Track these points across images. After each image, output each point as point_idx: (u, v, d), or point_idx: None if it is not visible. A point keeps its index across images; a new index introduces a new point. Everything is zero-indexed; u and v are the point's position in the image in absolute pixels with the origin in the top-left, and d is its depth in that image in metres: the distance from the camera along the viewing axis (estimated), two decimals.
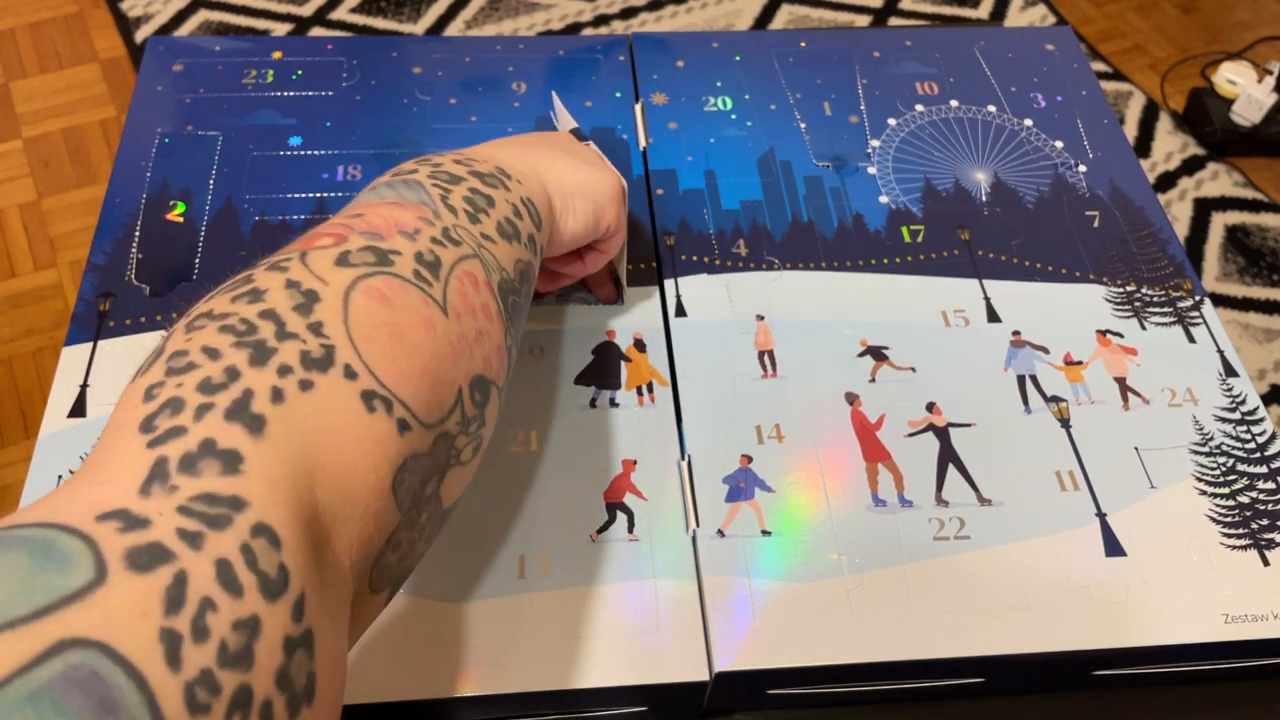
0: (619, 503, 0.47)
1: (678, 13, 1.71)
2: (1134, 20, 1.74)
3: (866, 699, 0.46)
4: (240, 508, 0.24)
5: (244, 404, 0.26)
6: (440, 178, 0.39)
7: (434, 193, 0.37)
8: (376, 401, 0.29)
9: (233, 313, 0.29)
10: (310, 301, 0.30)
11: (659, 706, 0.44)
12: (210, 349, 0.28)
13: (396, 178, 0.39)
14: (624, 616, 0.44)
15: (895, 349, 0.54)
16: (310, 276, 0.31)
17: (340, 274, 0.31)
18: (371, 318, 0.30)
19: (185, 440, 0.25)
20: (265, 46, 0.68)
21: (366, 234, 0.33)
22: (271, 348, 0.28)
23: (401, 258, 0.33)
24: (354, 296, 0.31)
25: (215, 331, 0.28)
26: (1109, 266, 0.58)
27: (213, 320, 0.29)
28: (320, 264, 0.31)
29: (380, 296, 0.31)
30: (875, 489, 0.48)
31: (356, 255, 0.32)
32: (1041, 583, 0.45)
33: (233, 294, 0.30)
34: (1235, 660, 0.46)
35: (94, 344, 0.52)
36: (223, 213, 0.58)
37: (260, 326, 0.29)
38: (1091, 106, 0.67)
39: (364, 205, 0.36)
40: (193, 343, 0.28)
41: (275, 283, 0.30)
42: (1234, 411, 0.52)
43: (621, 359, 0.53)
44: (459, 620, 0.43)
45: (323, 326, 0.29)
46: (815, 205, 0.60)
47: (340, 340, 0.29)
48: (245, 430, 0.26)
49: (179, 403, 0.26)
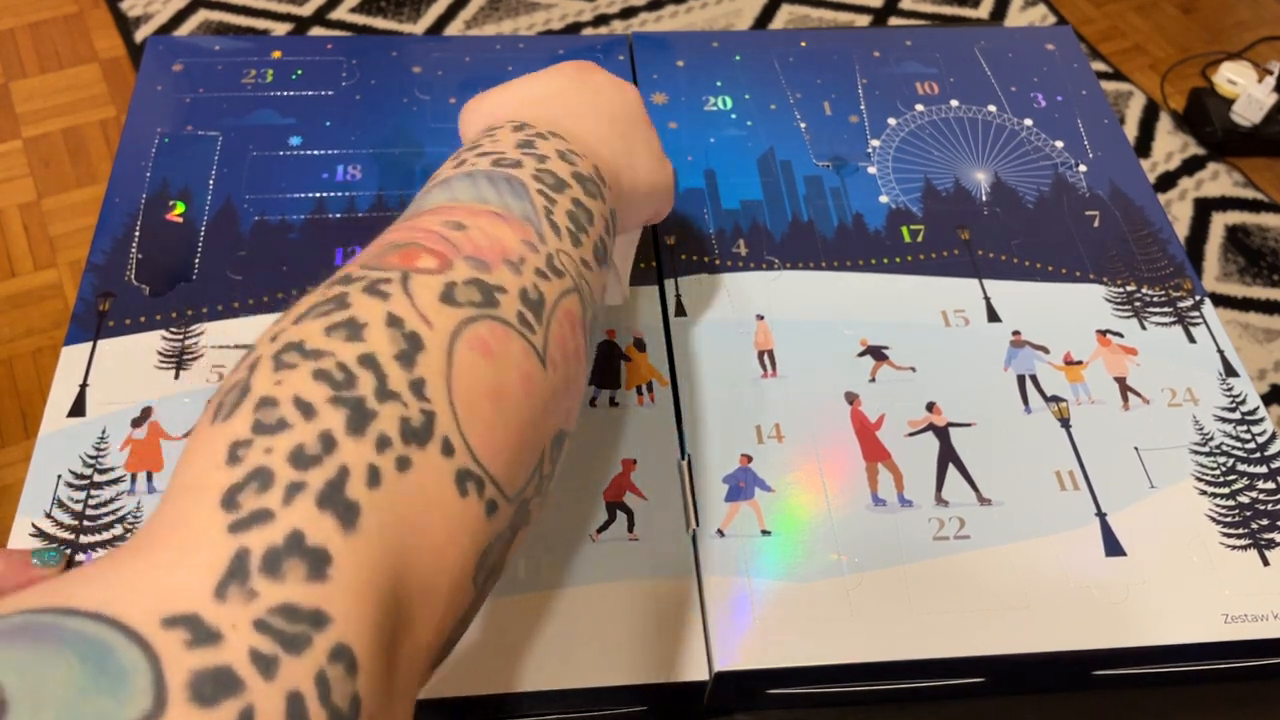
0: (619, 502, 0.47)
1: (678, 13, 1.71)
2: (1134, 20, 1.74)
3: (866, 699, 0.46)
4: (322, 625, 0.22)
5: (338, 486, 0.24)
6: (545, 180, 0.35)
7: (539, 204, 0.34)
8: (470, 483, 0.27)
9: (328, 352, 0.27)
10: (413, 350, 0.27)
11: (659, 706, 0.44)
12: (304, 403, 0.25)
13: (497, 168, 0.35)
14: (624, 616, 0.44)
15: (895, 349, 0.54)
16: (414, 314, 0.28)
17: (445, 316, 0.29)
18: (474, 377, 0.28)
19: (271, 530, 0.23)
20: (265, 46, 0.68)
21: (471, 260, 0.31)
22: (371, 410, 0.26)
23: (506, 297, 0.30)
24: (458, 348, 0.28)
25: (309, 377, 0.26)
26: (1109, 266, 0.58)
27: (305, 358, 0.26)
28: (424, 298, 0.29)
29: (484, 349, 0.29)
30: (875, 489, 0.48)
31: (462, 291, 0.29)
32: (1041, 583, 0.45)
33: (327, 321, 0.27)
34: (1235, 660, 0.46)
35: (94, 344, 0.52)
36: (222, 212, 0.58)
37: (359, 379, 0.26)
38: (1092, 106, 0.67)
39: (465, 211, 0.33)
40: (283, 388, 0.26)
41: (375, 315, 0.28)
42: (1234, 411, 0.52)
43: (621, 359, 0.53)
44: None
45: (425, 386, 0.27)
46: (815, 205, 0.60)
47: (441, 405, 0.27)
48: (337, 522, 0.23)
49: (268, 476, 0.24)
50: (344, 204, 0.59)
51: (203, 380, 0.51)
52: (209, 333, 0.53)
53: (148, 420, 0.49)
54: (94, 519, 0.46)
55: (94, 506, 0.46)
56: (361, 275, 0.29)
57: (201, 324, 0.53)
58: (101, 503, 0.46)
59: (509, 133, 0.38)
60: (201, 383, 0.51)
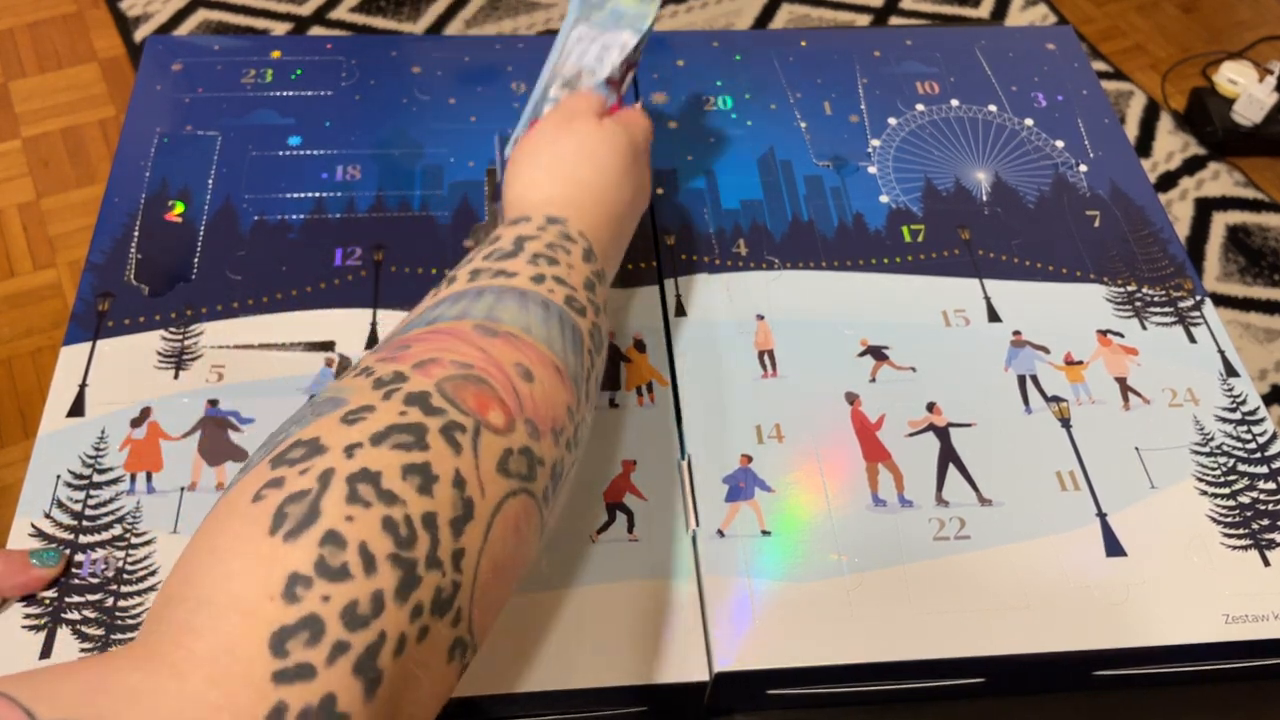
0: (619, 503, 0.47)
1: (678, 13, 1.71)
2: (1135, 20, 1.74)
3: (866, 699, 0.46)
4: None
5: (374, 653, 0.26)
6: (595, 339, 0.39)
7: (585, 366, 0.38)
8: (458, 650, 0.29)
9: (400, 500, 0.28)
10: (465, 518, 0.29)
11: (659, 707, 0.44)
12: (368, 555, 0.26)
13: (570, 307, 0.38)
14: (624, 616, 0.44)
15: (895, 349, 0.53)
16: (475, 479, 0.30)
17: (497, 486, 0.31)
18: (500, 554, 0.31)
19: (310, 689, 0.24)
20: (264, 46, 0.68)
21: (529, 425, 0.33)
22: (419, 576, 0.27)
23: (543, 470, 0.33)
24: (496, 524, 0.31)
25: (379, 527, 0.27)
26: (1109, 266, 0.58)
27: (379, 500, 0.28)
28: (487, 464, 0.31)
29: (515, 527, 0.31)
30: (875, 489, 0.48)
31: (515, 461, 0.32)
32: (1041, 583, 0.45)
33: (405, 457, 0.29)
34: (1236, 660, 0.46)
35: (93, 344, 0.52)
36: (222, 212, 0.58)
37: (419, 540, 0.28)
38: (1092, 106, 0.67)
39: (535, 355, 0.35)
40: (353, 528, 0.27)
41: (446, 469, 0.29)
42: (1235, 411, 0.52)
43: (621, 360, 0.53)
44: None
45: (462, 558, 0.29)
46: (815, 205, 0.60)
47: (467, 579, 0.29)
48: (363, 690, 0.25)
49: (319, 629, 0.25)
50: (343, 204, 0.59)
51: (202, 380, 0.51)
52: (208, 333, 0.53)
53: (147, 420, 0.49)
54: (93, 519, 0.45)
55: (93, 507, 0.46)
56: (441, 409, 0.31)
57: (201, 324, 0.53)
58: (101, 503, 0.46)
59: (582, 261, 0.41)
60: (201, 383, 0.51)
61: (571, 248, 0.41)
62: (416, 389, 0.31)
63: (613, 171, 0.45)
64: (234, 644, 0.24)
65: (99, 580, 0.44)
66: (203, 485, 0.47)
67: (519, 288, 0.37)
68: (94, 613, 0.43)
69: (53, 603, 0.43)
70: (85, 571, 0.44)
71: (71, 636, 0.42)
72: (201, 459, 0.48)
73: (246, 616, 0.25)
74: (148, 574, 0.44)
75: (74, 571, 0.44)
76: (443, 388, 0.32)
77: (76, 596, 0.43)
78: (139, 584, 0.44)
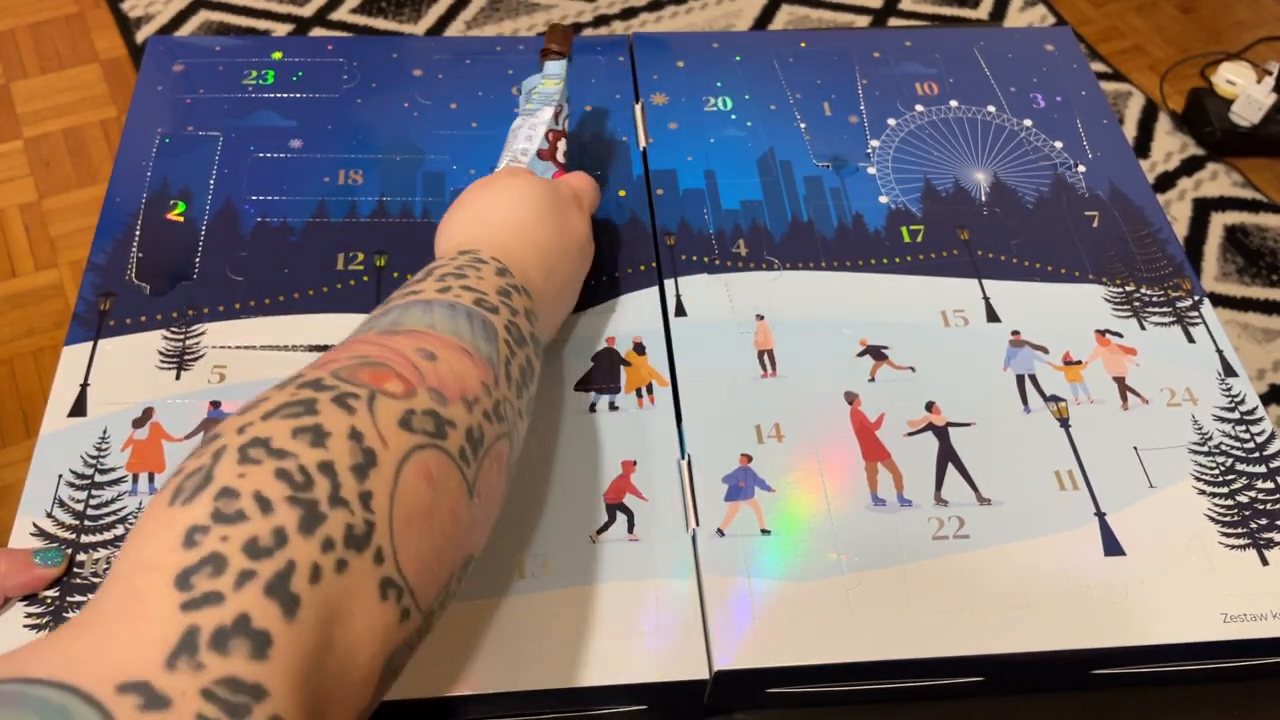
0: (619, 503, 0.47)
1: (678, 13, 1.71)
2: (1133, 20, 1.74)
3: (866, 698, 0.46)
4: (260, 698, 0.24)
5: (285, 578, 0.26)
6: (512, 333, 0.39)
7: (502, 353, 0.38)
8: (390, 590, 0.30)
9: (292, 453, 0.29)
10: (368, 465, 0.30)
11: (659, 705, 0.45)
12: (263, 498, 0.28)
13: (479, 306, 0.39)
14: (624, 616, 0.44)
15: (895, 349, 0.54)
16: (374, 432, 0.31)
17: (400, 439, 0.32)
18: (413, 499, 0.31)
19: (221, 611, 0.25)
20: (265, 47, 0.68)
21: (433, 392, 0.34)
22: (323, 514, 0.28)
23: (455, 431, 0.34)
24: (405, 470, 0.31)
25: (271, 475, 0.28)
26: (1108, 266, 0.58)
27: (270, 456, 0.29)
28: (385, 420, 0.32)
29: (427, 475, 0.32)
30: (875, 488, 0.48)
31: (419, 420, 0.33)
32: (1041, 582, 0.45)
33: (296, 423, 0.30)
34: (1234, 660, 0.46)
35: (94, 343, 0.52)
36: (223, 213, 0.58)
37: (316, 483, 0.29)
38: (1091, 107, 0.67)
39: (439, 342, 0.36)
40: (246, 482, 0.28)
41: (340, 427, 0.30)
42: (1233, 411, 0.52)
43: (621, 364, 0.53)
44: (460, 620, 0.43)
45: (371, 499, 0.30)
46: (815, 205, 0.60)
47: (382, 518, 0.30)
48: (280, 611, 0.26)
49: (221, 562, 0.26)
50: (345, 208, 0.59)
51: (204, 381, 0.51)
52: (210, 333, 0.53)
53: (149, 421, 0.49)
54: (95, 519, 0.46)
55: (95, 506, 0.46)
56: (333, 385, 0.32)
57: (202, 324, 0.53)
58: (103, 503, 0.46)
59: (493, 275, 0.41)
60: (203, 383, 0.51)
61: (482, 267, 0.41)
62: (310, 378, 0.32)
63: (529, 209, 0.46)
64: (141, 591, 0.25)
65: (100, 580, 0.44)
66: None
67: (424, 299, 0.38)
68: None
69: (54, 602, 0.43)
70: (86, 571, 0.44)
71: None
72: None
73: (150, 569, 0.26)
74: None
75: (76, 571, 0.44)
76: (337, 372, 0.33)
77: (79, 596, 0.43)
78: None
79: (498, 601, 0.44)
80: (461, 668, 0.42)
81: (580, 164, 0.62)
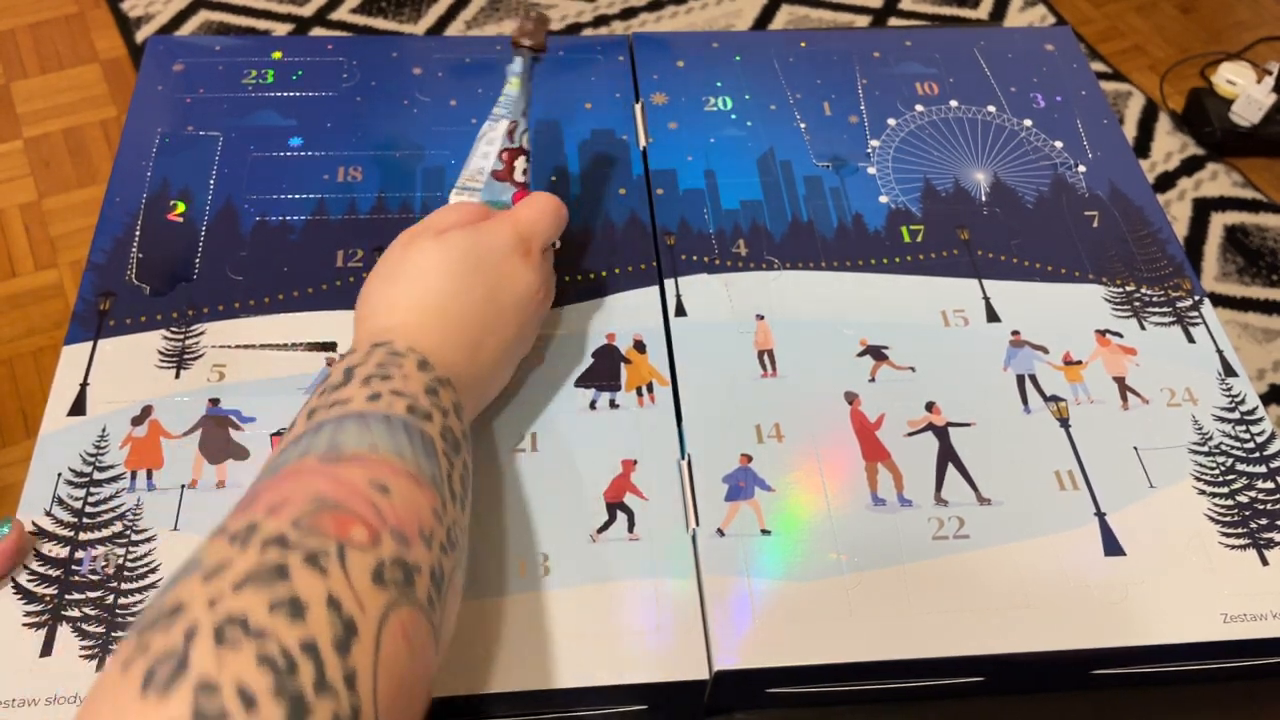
0: (619, 503, 0.47)
1: (678, 13, 1.71)
2: (1133, 20, 1.74)
3: (866, 698, 0.46)
4: None
5: None
6: (448, 440, 0.39)
7: (443, 468, 0.38)
8: None
9: (271, 633, 0.28)
10: (348, 637, 0.29)
11: (659, 705, 0.45)
12: (248, 695, 0.26)
13: (413, 415, 0.38)
14: (624, 616, 0.44)
15: (895, 349, 0.54)
16: (350, 595, 0.30)
17: (376, 599, 0.31)
18: (394, 666, 0.30)
19: None
20: (265, 46, 0.68)
21: (396, 534, 0.33)
22: (309, 706, 0.27)
23: (420, 576, 0.33)
24: (384, 637, 0.30)
25: (253, 664, 0.27)
26: (1108, 266, 0.58)
27: (249, 638, 0.27)
28: (359, 578, 0.31)
29: (405, 638, 0.31)
30: (875, 488, 0.48)
31: (390, 570, 0.32)
32: (1041, 582, 0.45)
33: (270, 594, 0.29)
34: (1234, 660, 0.46)
35: (94, 343, 0.52)
36: (223, 213, 0.58)
37: (300, 669, 0.27)
38: (1091, 107, 0.67)
39: (387, 469, 0.35)
40: (227, 673, 0.26)
41: (316, 594, 0.29)
42: (1233, 411, 0.52)
43: (621, 361, 0.53)
44: (460, 620, 0.43)
45: (356, 679, 0.29)
46: (815, 205, 0.60)
47: (367, 702, 0.29)
48: None
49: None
50: (345, 205, 0.59)
51: (203, 380, 0.51)
52: (210, 332, 0.53)
53: (148, 419, 0.49)
54: (93, 516, 0.46)
55: (93, 504, 0.46)
56: (299, 543, 0.31)
57: (202, 324, 0.53)
58: (101, 500, 0.46)
59: (415, 370, 0.40)
60: (202, 382, 0.51)
61: (403, 362, 0.40)
62: (272, 532, 0.31)
63: (446, 281, 0.44)
64: None
65: (99, 578, 0.44)
66: (203, 483, 0.47)
67: (356, 411, 0.37)
68: (94, 610, 0.43)
69: (53, 600, 0.43)
70: (84, 569, 0.44)
71: (72, 634, 0.42)
72: (202, 457, 0.48)
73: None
74: (148, 571, 0.44)
75: (74, 569, 0.44)
76: (299, 523, 0.31)
77: (77, 594, 0.43)
78: (139, 581, 0.44)
79: (498, 601, 0.44)
80: (461, 668, 0.42)
81: (581, 164, 0.62)
